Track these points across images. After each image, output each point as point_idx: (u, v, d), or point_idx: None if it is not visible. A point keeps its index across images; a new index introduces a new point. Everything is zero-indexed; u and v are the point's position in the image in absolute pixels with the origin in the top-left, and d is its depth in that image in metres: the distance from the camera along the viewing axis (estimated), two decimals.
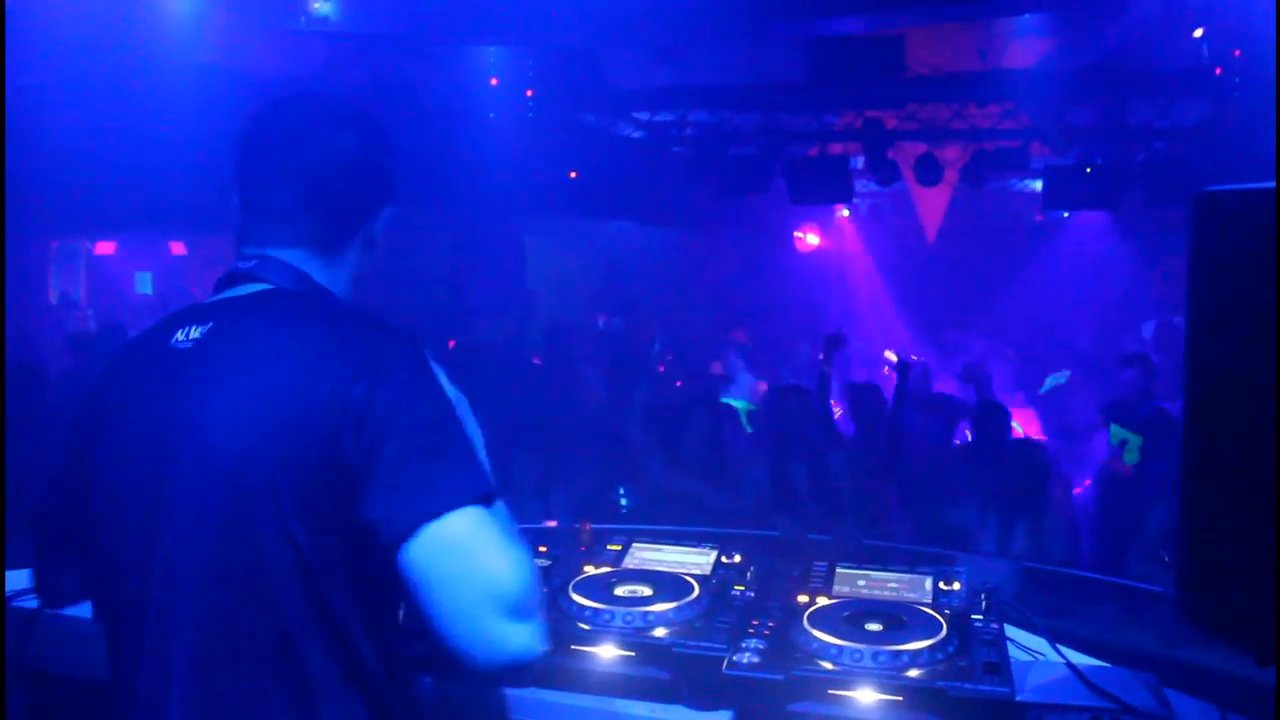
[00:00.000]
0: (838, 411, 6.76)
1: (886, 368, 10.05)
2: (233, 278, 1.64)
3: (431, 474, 1.42)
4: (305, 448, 1.43)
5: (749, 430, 7.44)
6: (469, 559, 1.39)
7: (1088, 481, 7.05)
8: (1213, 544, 1.75)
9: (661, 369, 7.20)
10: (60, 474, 1.68)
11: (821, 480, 5.49)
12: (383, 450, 1.42)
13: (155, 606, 1.50)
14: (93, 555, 1.60)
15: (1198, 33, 6.89)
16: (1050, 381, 6.82)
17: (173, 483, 1.49)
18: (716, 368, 9.17)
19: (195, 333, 1.56)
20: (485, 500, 1.43)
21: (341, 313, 1.59)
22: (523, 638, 1.39)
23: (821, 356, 6.29)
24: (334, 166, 1.63)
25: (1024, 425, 8.08)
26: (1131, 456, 6.46)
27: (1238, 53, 6.76)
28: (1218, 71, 6.98)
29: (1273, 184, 1.61)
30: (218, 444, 1.47)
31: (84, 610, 2.34)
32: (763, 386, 8.32)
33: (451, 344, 8.81)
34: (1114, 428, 6.74)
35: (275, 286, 1.61)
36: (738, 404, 7.84)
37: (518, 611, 1.39)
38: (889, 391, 6.17)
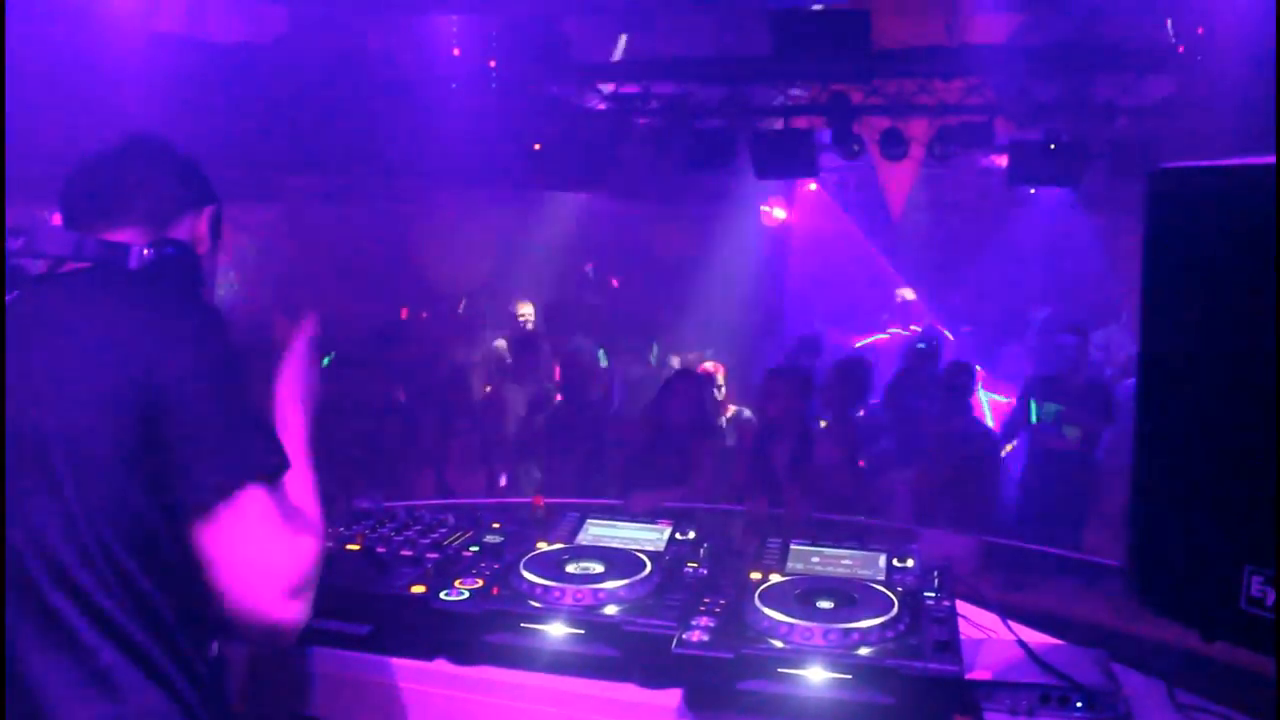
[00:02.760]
0: None
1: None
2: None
3: (224, 445, 1.49)
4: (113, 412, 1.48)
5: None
6: (256, 532, 1.47)
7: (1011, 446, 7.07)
8: (1164, 521, 1.75)
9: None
10: None
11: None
12: (181, 418, 1.48)
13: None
14: None
15: None
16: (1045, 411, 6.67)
17: None
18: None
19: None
20: (274, 473, 1.52)
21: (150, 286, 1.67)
22: (294, 611, 1.48)
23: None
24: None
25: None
26: (1072, 432, 6.43)
27: (1201, 30, 6.76)
28: (1180, 49, 6.98)
29: (1230, 161, 1.61)
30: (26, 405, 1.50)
31: None
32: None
33: (404, 313, 8.78)
34: (1039, 403, 6.64)
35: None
36: None
37: (293, 587, 1.48)
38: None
